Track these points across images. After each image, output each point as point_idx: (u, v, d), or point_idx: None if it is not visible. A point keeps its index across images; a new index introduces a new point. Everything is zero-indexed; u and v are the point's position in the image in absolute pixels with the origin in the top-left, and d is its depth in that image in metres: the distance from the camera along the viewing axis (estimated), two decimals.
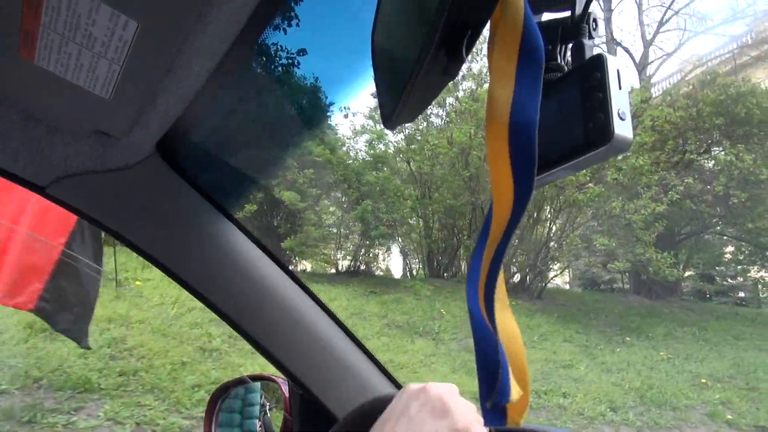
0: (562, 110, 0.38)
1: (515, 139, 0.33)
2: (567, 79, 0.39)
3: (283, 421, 1.11)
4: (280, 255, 6.98)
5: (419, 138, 9.35)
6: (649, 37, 13.62)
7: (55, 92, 0.62)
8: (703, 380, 6.67)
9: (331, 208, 9.87)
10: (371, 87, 0.48)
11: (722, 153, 8.47)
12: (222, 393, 1.17)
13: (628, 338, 8.00)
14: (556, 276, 11.08)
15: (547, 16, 0.41)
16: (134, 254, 0.88)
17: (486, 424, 0.39)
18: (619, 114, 0.34)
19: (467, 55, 0.35)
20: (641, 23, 14.07)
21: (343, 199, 9.73)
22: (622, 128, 0.34)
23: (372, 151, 8.57)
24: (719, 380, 6.84)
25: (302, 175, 8.27)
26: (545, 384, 5.65)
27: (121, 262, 6.77)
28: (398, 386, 1.09)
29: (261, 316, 0.97)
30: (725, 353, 8.02)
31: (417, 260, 10.85)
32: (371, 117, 9.19)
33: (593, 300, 10.47)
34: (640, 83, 12.61)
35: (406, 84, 0.37)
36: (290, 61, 0.92)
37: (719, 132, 8.81)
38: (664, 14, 12.93)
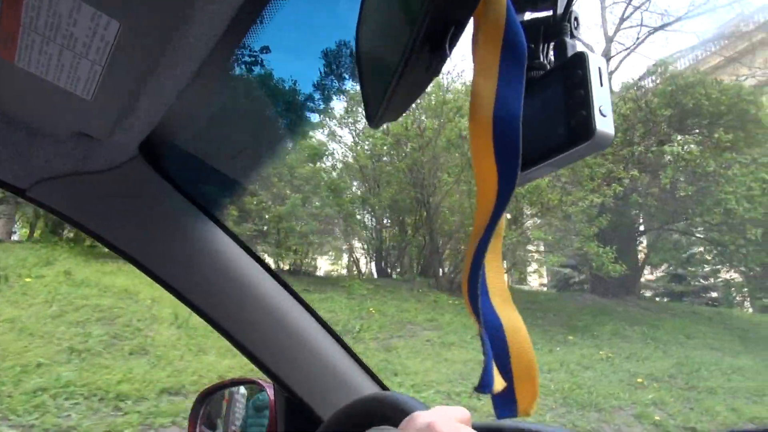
0: (546, 107, 0.38)
1: (499, 133, 0.34)
2: (550, 76, 0.39)
3: (268, 424, 1.09)
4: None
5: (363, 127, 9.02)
6: (610, 33, 13.40)
7: (35, 93, 0.61)
8: (640, 380, 6.35)
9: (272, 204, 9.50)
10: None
11: (669, 145, 8.17)
12: (206, 397, 1.15)
13: (571, 337, 7.66)
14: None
15: (530, 15, 0.41)
16: (37, 250, 0.67)
17: (498, 415, 0.39)
18: (600, 110, 0.35)
19: (451, 52, 0.36)
20: (604, 19, 13.84)
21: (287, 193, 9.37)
22: (604, 124, 0.35)
23: (305, 142, 8.21)
24: (657, 380, 6.52)
25: None
26: (459, 385, 5.29)
27: (21, 257, 6.36)
28: (383, 387, 1.08)
29: (245, 318, 0.96)
30: (672, 352, 7.71)
31: (366, 258, 10.50)
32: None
33: (548, 299, 10.16)
34: None
35: (390, 82, 0.37)
36: (274, 62, 0.91)
37: (667, 124, 8.53)
38: (625, 10, 12.71)
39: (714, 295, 16.81)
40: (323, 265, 11.42)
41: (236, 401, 1.17)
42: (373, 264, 10.32)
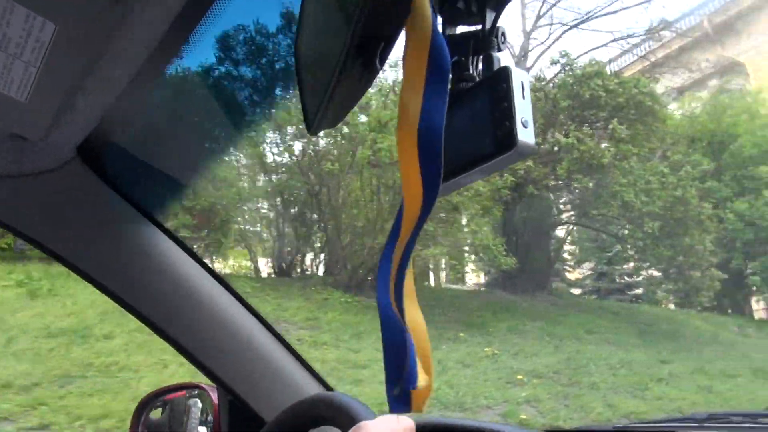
0: (473, 118, 0.40)
1: (423, 144, 0.35)
2: (477, 89, 0.41)
3: (212, 428, 1.08)
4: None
5: None
6: (528, 29, 13.33)
7: None
8: (520, 377, 6.06)
9: None
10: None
11: (565, 136, 8.01)
12: (148, 403, 1.12)
13: (462, 334, 7.34)
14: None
15: (462, 29, 0.43)
16: None
17: (392, 410, 0.41)
18: (522, 122, 0.36)
19: (381, 65, 0.37)
20: (523, 16, 13.79)
21: None
22: (525, 135, 0.36)
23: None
24: (540, 376, 6.26)
25: None
26: None
27: None
28: (327, 387, 1.09)
29: (187, 321, 0.96)
30: (566, 347, 7.52)
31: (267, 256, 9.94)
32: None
33: (454, 296, 9.86)
34: None
35: (326, 91, 0.38)
36: (217, 64, 0.95)
37: (566, 115, 8.38)
38: (541, 7, 12.66)
39: (638, 291, 17.09)
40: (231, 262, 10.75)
41: (178, 407, 1.15)
42: (277, 262, 9.76)
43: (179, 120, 1.07)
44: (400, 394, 0.39)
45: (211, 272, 0.98)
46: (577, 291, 16.49)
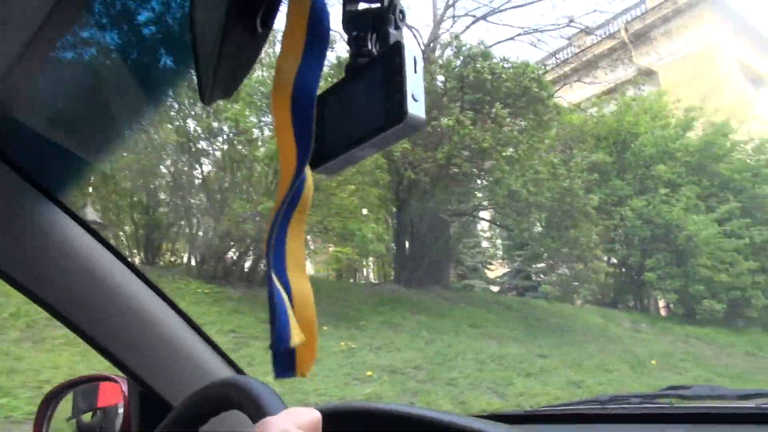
0: (367, 92, 0.40)
1: (297, 107, 0.37)
2: (372, 64, 0.41)
3: (122, 421, 1.04)
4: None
5: None
6: (437, 19, 12.98)
7: None
8: (369, 373, 5.50)
9: None
10: None
11: (447, 118, 7.57)
12: (55, 395, 1.08)
13: (326, 327, 6.71)
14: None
15: (363, 5, 0.43)
16: None
17: (276, 375, 0.43)
18: (413, 96, 0.37)
19: (264, 29, 0.38)
20: (434, 5, 13.42)
21: None
22: (415, 109, 0.37)
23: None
24: (395, 372, 5.74)
25: None
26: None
27: None
28: (238, 370, 1.07)
29: (95, 309, 0.91)
30: (440, 342, 7.05)
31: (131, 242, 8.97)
32: None
33: (340, 289, 9.24)
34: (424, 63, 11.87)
35: (213, 59, 0.39)
36: (124, 29, 0.89)
37: (448, 97, 7.96)
38: None
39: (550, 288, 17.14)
40: None
41: (86, 399, 1.10)
42: (145, 250, 8.83)
43: (82, 92, 0.99)
44: (283, 358, 0.41)
45: (119, 255, 0.92)
46: (495, 288, 16.36)
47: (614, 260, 13.61)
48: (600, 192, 13.16)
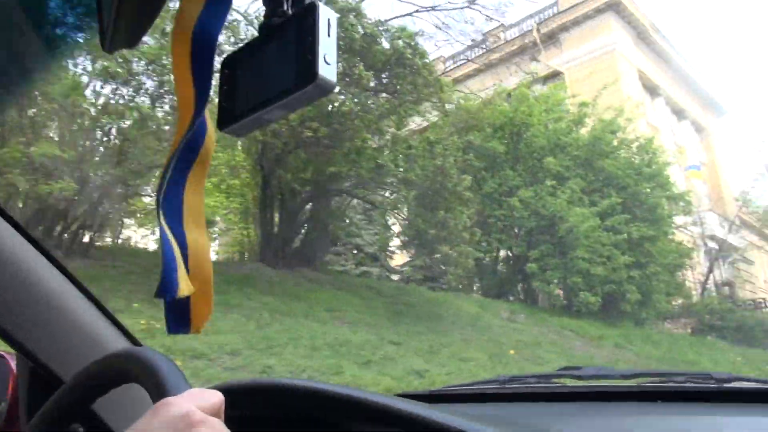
0: (279, 54, 0.40)
1: (197, 51, 0.37)
2: (286, 24, 0.40)
3: (10, 398, 0.98)
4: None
5: None
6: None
7: None
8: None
9: None
10: None
11: None
12: None
13: (137, 305, 5.75)
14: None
15: None
16: None
17: (168, 330, 0.44)
18: (325, 58, 0.36)
19: None
20: None
21: None
22: (327, 71, 0.37)
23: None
24: (201, 356, 4.90)
25: None
26: None
27: None
28: (135, 342, 1.01)
29: None
30: (277, 324, 6.29)
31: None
32: None
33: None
34: None
35: (117, 3, 0.37)
36: None
37: None
38: None
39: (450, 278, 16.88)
40: None
41: None
42: None
43: None
44: (177, 316, 0.41)
45: (8, 219, 0.84)
46: (396, 277, 15.85)
47: (504, 252, 13.54)
48: (492, 182, 13.04)
